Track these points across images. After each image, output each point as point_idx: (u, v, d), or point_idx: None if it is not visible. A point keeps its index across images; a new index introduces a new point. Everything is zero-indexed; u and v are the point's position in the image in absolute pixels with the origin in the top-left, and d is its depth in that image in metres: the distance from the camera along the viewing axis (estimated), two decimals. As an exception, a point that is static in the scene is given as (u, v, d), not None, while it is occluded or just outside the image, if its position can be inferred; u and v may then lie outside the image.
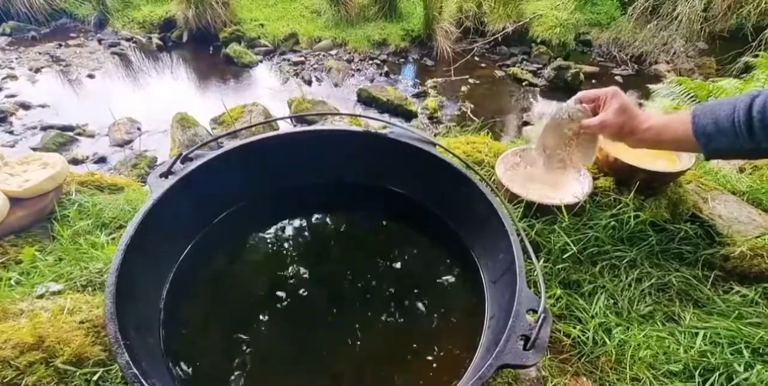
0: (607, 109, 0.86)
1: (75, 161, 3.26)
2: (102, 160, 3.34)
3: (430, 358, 0.76)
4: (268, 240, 0.94)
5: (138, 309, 0.74)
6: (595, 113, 0.90)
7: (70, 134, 3.55)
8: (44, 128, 3.60)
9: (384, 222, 0.99)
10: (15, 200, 1.26)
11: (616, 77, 5.04)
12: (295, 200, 1.02)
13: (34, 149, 3.33)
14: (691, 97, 2.82)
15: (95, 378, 0.85)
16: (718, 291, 1.41)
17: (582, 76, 4.74)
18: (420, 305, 0.85)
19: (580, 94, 0.93)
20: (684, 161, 1.49)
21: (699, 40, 5.33)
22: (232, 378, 0.71)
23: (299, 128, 1.03)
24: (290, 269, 0.88)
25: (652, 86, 3.23)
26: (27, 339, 0.88)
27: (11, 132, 3.58)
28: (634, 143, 0.86)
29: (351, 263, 0.91)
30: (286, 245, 0.93)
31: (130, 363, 0.57)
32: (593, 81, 4.91)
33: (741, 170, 1.96)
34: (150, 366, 0.65)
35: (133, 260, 0.71)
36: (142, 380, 0.56)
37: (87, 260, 1.18)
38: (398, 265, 0.92)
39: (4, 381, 0.81)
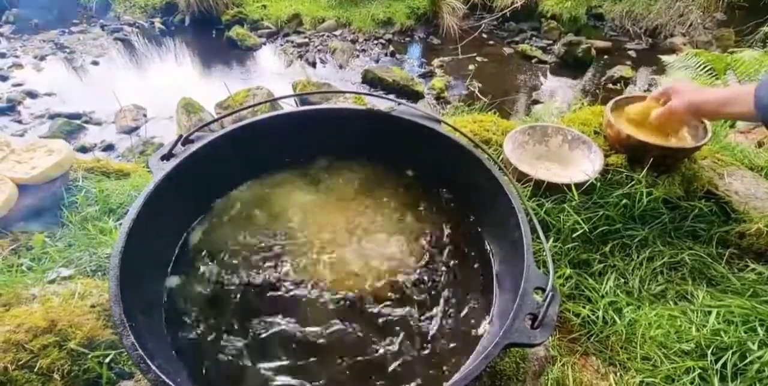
0: (674, 97, 1.11)
1: (83, 149, 3.28)
2: (110, 147, 3.36)
3: (437, 337, 0.76)
4: (273, 219, 0.93)
5: (144, 291, 0.74)
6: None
7: (78, 121, 3.57)
8: (52, 117, 3.62)
9: (390, 202, 0.98)
10: (23, 187, 1.27)
11: (630, 52, 4.89)
12: (300, 181, 1.00)
13: (43, 139, 3.35)
14: (708, 70, 2.72)
15: (107, 360, 0.87)
16: (732, 268, 1.39)
17: (593, 51, 4.60)
18: (428, 283, 0.84)
19: (652, 93, 1.27)
20: (699, 137, 1.44)
21: (717, 11, 5.13)
22: (239, 362, 0.71)
23: (301, 108, 1.01)
24: (296, 247, 0.88)
25: (665, 58, 3.10)
26: (40, 323, 0.89)
27: (20, 121, 3.60)
28: (709, 116, 1.17)
29: (355, 240, 0.90)
30: (291, 224, 0.92)
31: (136, 344, 0.57)
32: (605, 57, 4.76)
33: (759, 144, 1.90)
34: (157, 347, 0.65)
35: (136, 243, 0.70)
36: (148, 361, 0.56)
37: (96, 245, 1.19)
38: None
39: (19, 363, 0.82)
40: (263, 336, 0.75)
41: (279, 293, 0.81)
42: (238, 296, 0.80)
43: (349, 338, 0.75)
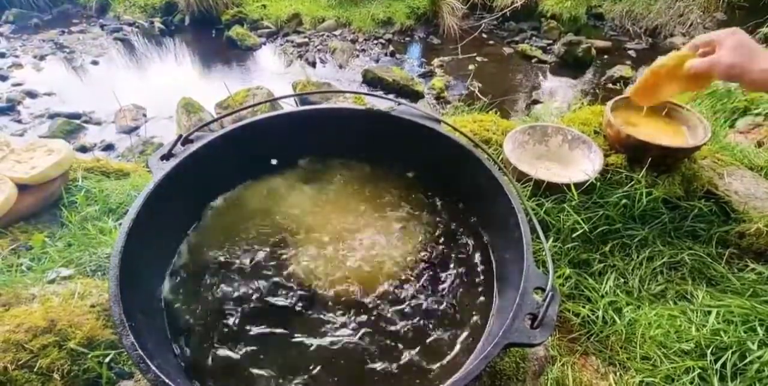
0: (719, 50, 0.86)
1: (83, 149, 3.27)
2: (109, 147, 3.35)
3: (437, 336, 0.76)
4: (272, 219, 0.93)
5: (144, 291, 0.74)
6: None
7: (77, 121, 3.56)
8: (51, 117, 3.61)
9: (390, 202, 0.98)
10: (23, 187, 1.27)
11: (630, 52, 4.88)
12: (299, 181, 1.00)
13: (43, 138, 3.34)
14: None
15: (107, 360, 0.87)
16: (732, 268, 1.39)
17: (593, 51, 4.59)
18: (428, 284, 0.84)
19: (695, 39, 0.94)
20: (698, 137, 1.44)
21: (717, 11, 5.12)
22: (238, 362, 0.71)
23: (300, 108, 1.01)
24: (295, 248, 0.88)
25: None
26: (39, 323, 0.89)
27: (19, 121, 3.60)
28: (748, 85, 0.84)
29: (356, 240, 0.90)
30: (290, 224, 0.92)
31: (135, 344, 0.57)
32: (605, 56, 4.75)
33: (759, 144, 1.90)
34: (157, 347, 0.65)
35: (136, 243, 0.70)
36: (148, 361, 0.56)
37: (96, 245, 1.19)
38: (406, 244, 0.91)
39: (19, 363, 0.82)
40: (262, 336, 0.75)
41: (278, 293, 0.81)
42: (238, 296, 0.80)
43: (348, 339, 0.75)
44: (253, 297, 0.80)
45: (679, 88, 1.09)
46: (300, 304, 0.79)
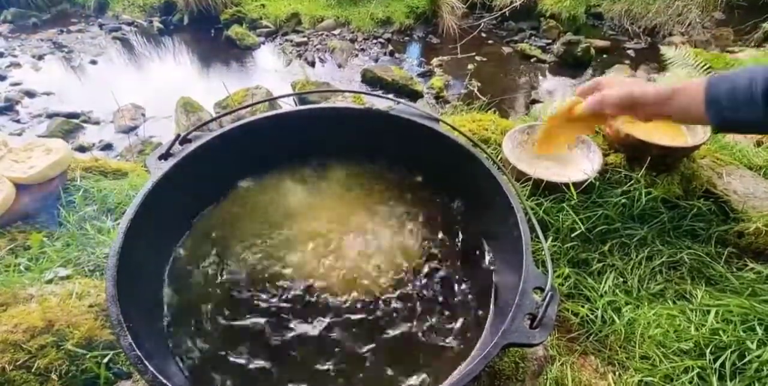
0: (606, 89, 0.84)
1: (82, 149, 3.26)
2: (108, 147, 3.35)
3: (435, 337, 0.76)
4: (271, 219, 0.93)
5: (142, 291, 0.74)
6: None
7: (76, 121, 3.55)
8: (50, 116, 3.60)
9: (388, 202, 0.98)
10: (21, 187, 1.26)
11: (628, 51, 4.88)
12: (298, 180, 1.00)
13: (41, 138, 3.34)
14: (707, 68, 2.72)
15: (105, 360, 0.87)
16: (731, 268, 1.39)
17: (593, 51, 4.59)
18: (426, 282, 0.84)
19: (579, 88, 0.92)
20: (698, 136, 1.44)
21: (716, 10, 5.12)
22: (236, 362, 0.71)
23: (299, 107, 1.00)
24: (294, 248, 0.87)
25: (664, 49, 3.09)
26: (37, 323, 0.89)
27: (18, 121, 3.59)
28: (642, 115, 0.80)
29: (354, 239, 0.90)
30: (288, 224, 0.92)
31: (133, 344, 0.57)
32: (604, 56, 4.75)
33: (758, 143, 1.90)
34: (154, 348, 0.65)
35: (134, 243, 0.70)
36: (145, 362, 0.56)
37: (94, 245, 1.19)
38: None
39: (17, 364, 0.82)
40: (258, 335, 0.75)
41: (276, 294, 0.81)
42: (237, 295, 0.80)
43: (348, 340, 0.75)
44: (251, 297, 0.79)
45: (575, 133, 1.10)
46: (297, 306, 0.79)
